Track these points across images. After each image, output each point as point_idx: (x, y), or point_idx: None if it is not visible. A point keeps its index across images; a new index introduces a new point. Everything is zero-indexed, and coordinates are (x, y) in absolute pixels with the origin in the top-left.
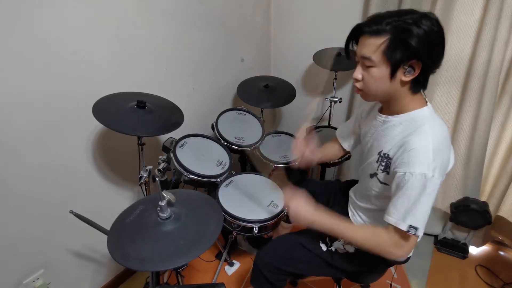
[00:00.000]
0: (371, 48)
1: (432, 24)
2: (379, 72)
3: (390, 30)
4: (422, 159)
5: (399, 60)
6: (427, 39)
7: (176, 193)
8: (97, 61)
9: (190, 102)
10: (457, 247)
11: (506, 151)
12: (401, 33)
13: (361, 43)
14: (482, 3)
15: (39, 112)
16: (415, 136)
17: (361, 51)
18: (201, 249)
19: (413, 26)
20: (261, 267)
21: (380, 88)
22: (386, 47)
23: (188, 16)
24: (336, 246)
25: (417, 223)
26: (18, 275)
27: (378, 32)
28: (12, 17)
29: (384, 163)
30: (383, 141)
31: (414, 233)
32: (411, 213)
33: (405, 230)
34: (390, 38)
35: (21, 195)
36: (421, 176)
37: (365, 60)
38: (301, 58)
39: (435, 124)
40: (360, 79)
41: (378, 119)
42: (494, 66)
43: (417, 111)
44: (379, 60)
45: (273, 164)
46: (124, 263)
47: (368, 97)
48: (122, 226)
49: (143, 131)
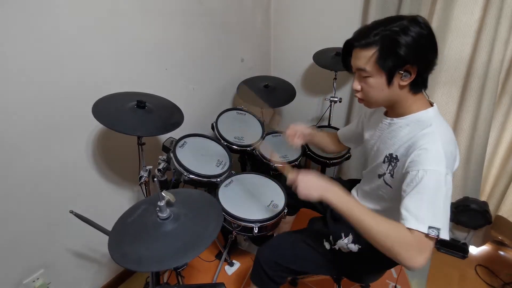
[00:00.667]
0: (363, 60)
1: (420, 28)
2: (376, 81)
3: (379, 41)
4: (435, 157)
5: (393, 68)
6: (416, 44)
7: (176, 192)
8: (97, 61)
9: (190, 102)
10: (457, 247)
11: (506, 151)
12: (389, 42)
13: (354, 56)
14: (482, 3)
15: (39, 112)
16: (424, 137)
17: (355, 63)
18: (201, 249)
19: (401, 34)
20: (262, 264)
21: (380, 96)
22: (377, 57)
23: (188, 16)
24: (340, 245)
25: (437, 223)
26: (18, 275)
27: (367, 45)
28: (12, 17)
29: (392, 165)
30: (390, 143)
31: (437, 235)
32: (429, 212)
33: (425, 232)
34: (379, 49)
35: (21, 195)
36: (436, 172)
37: (360, 72)
38: (301, 58)
39: (441, 125)
40: (359, 90)
41: (383, 122)
42: (494, 66)
43: (422, 112)
44: (373, 70)
45: (273, 164)
46: (123, 264)
47: (371, 105)
48: (123, 226)
49: (143, 131)
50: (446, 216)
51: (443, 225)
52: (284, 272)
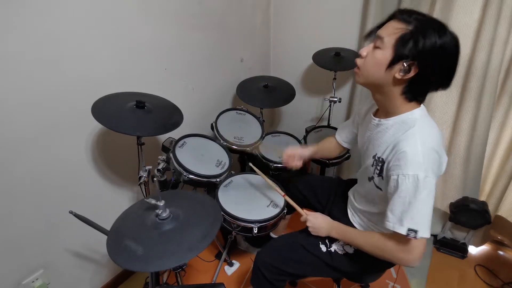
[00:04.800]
0: (390, 30)
1: (452, 45)
2: (382, 55)
3: (414, 24)
4: (413, 160)
5: (403, 54)
6: (437, 50)
7: (176, 193)
8: (96, 61)
9: (190, 102)
10: (456, 247)
11: (505, 151)
12: (420, 31)
13: (386, 25)
14: (481, 3)
15: (39, 113)
16: (404, 139)
17: (381, 30)
18: (200, 249)
19: (434, 32)
20: (260, 267)
21: (374, 73)
22: (401, 35)
23: (187, 16)
24: (335, 247)
25: (415, 225)
26: (17, 275)
27: (404, 20)
28: (11, 17)
29: (379, 167)
30: (376, 144)
31: (414, 236)
32: (408, 215)
33: (404, 234)
34: (408, 30)
35: (20, 195)
36: (414, 177)
37: (377, 40)
38: (300, 58)
39: (424, 125)
40: (364, 56)
41: (372, 122)
42: (493, 66)
43: (407, 113)
44: (388, 43)
45: (273, 164)
46: (123, 264)
47: (360, 78)
48: (121, 227)
49: (142, 131)
50: (426, 217)
51: (422, 227)
52: (283, 275)
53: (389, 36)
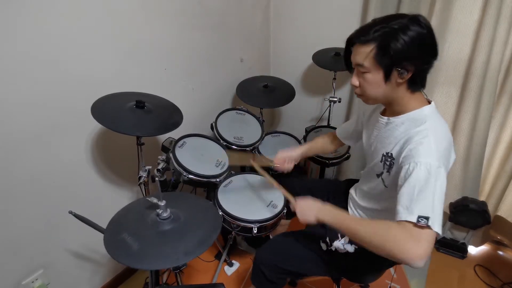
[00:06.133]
0: (362, 55)
1: (420, 27)
2: (373, 77)
3: (377, 38)
4: (426, 150)
5: (390, 64)
6: (414, 43)
7: (177, 194)
8: (96, 61)
9: (189, 102)
10: (456, 247)
11: (505, 151)
12: (387, 39)
13: (354, 52)
14: (481, 3)
15: (39, 112)
16: (416, 134)
17: (354, 58)
18: (200, 250)
19: (399, 32)
20: (260, 265)
21: (378, 92)
22: (375, 53)
23: (187, 16)
24: (336, 245)
25: (426, 212)
26: (17, 275)
27: (366, 41)
28: (12, 17)
29: (388, 162)
30: (386, 142)
31: (426, 224)
32: (418, 202)
33: (414, 221)
34: (377, 46)
35: (20, 195)
36: (427, 165)
37: (359, 67)
38: (300, 58)
39: (436, 122)
40: (357, 85)
41: (380, 121)
42: (493, 66)
43: (418, 110)
44: (371, 66)
45: (272, 164)
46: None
47: (368, 101)
48: (121, 219)
49: (142, 131)
50: (437, 208)
51: (433, 214)
52: (283, 274)
53: (365, 59)
